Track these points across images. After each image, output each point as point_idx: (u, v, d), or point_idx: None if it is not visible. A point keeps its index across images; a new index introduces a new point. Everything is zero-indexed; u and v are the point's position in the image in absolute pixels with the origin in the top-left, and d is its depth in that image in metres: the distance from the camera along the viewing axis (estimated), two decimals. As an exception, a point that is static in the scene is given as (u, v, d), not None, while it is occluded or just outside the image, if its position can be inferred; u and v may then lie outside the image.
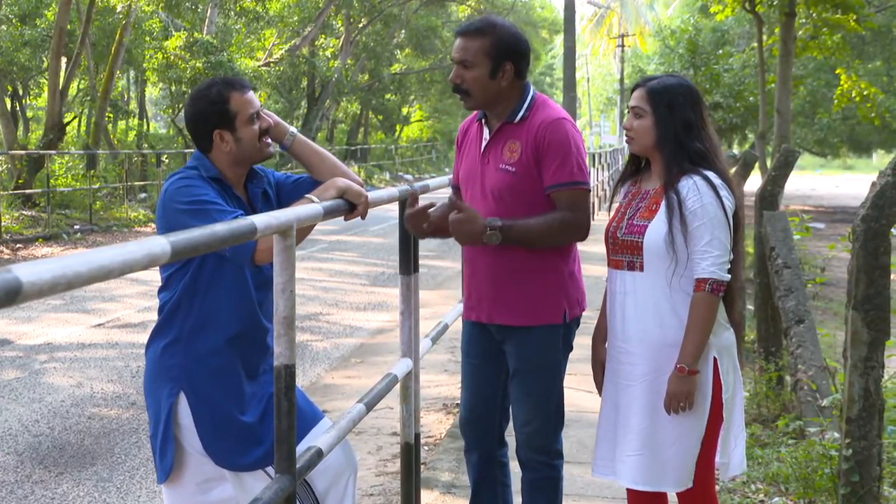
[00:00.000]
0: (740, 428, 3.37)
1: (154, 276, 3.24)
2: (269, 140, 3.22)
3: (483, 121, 3.54)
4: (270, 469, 3.11)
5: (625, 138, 3.44)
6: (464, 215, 3.31)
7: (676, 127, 3.26)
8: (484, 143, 3.50)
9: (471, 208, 3.35)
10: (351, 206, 3.11)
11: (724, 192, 3.22)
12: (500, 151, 3.44)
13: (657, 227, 3.23)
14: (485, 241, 3.32)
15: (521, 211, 3.40)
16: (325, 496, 3.19)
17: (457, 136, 3.70)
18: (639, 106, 3.32)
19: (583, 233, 3.43)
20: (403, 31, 42.62)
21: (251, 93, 3.18)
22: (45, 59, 25.27)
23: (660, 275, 3.23)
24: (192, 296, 3.08)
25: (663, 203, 3.24)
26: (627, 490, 3.46)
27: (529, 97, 3.47)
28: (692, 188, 3.21)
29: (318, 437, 2.99)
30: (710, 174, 3.24)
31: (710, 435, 3.27)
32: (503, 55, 3.39)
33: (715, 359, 3.24)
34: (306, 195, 3.09)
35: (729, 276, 3.21)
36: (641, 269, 3.26)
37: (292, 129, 3.32)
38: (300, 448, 2.70)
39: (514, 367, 3.54)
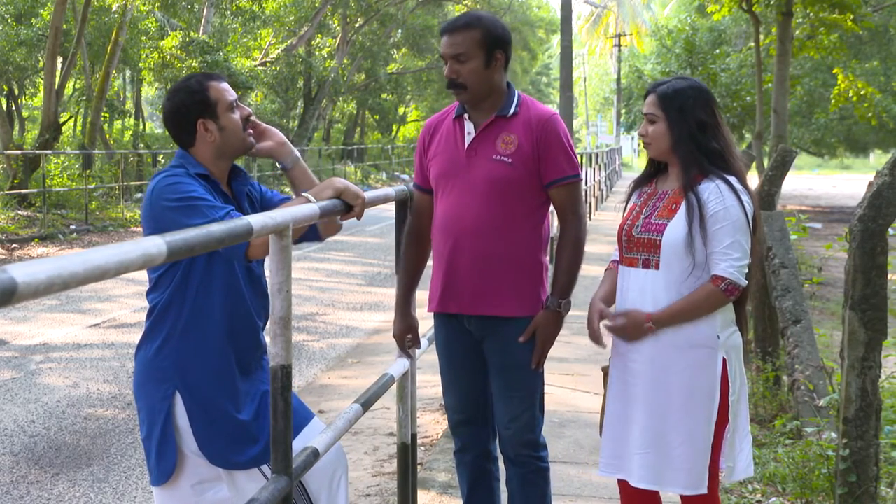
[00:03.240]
0: (746, 430, 3.35)
1: (150, 277, 3.22)
2: (251, 130, 3.21)
3: (466, 116, 3.55)
4: (265, 468, 3.10)
5: (642, 144, 3.46)
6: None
7: (691, 128, 3.28)
8: (469, 137, 3.51)
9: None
10: (347, 207, 3.09)
11: (744, 197, 3.23)
12: (492, 144, 3.48)
13: (677, 227, 3.23)
14: (562, 312, 3.48)
15: (514, 202, 3.44)
16: (318, 496, 3.18)
17: (420, 137, 3.70)
18: (651, 112, 3.34)
19: (586, 228, 3.58)
20: (400, 30, 42.60)
21: (227, 83, 3.19)
22: (40, 58, 25.28)
23: (675, 274, 3.23)
24: (184, 295, 3.06)
25: (683, 203, 3.25)
26: (620, 487, 3.45)
27: (517, 94, 3.56)
28: (714, 191, 3.21)
29: (309, 437, 2.98)
30: (731, 178, 3.24)
31: (716, 437, 3.26)
32: (494, 45, 3.46)
33: (724, 360, 3.24)
34: (303, 194, 3.07)
35: (746, 281, 3.22)
36: (657, 267, 3.26)
37: (297, 153, 3.30)
38: (295, 448, 2.69)
39: (497, 363, 3.54)
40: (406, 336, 3.77)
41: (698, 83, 3.39)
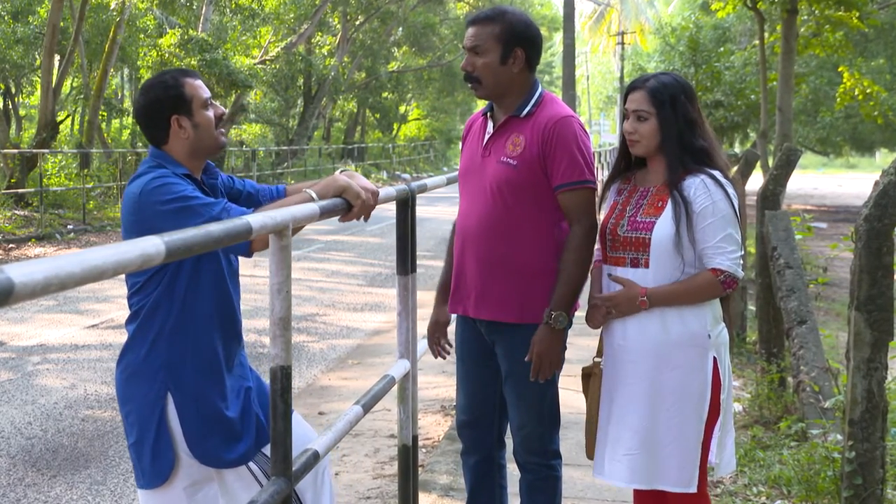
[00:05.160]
0: (730, 426, 3.37)
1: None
2: (223, 130, 3.20)
3: (489, 115, 3.53)
4: (252, 465, 3.09)
5: (625, 142, 3.37)
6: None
7: (680, 125, 3.24)
8: (487, 137, 3.48)
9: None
10: (349, 206, 3.04)
11: (730, 190, 3.21)
12: (502, 145, 3.43)
13: (666, 224, 3.19)
14: (553, 325, 3.32)
15: (519, 206, 3.38)
16: (304, 492, 3.18)
17: (463, 133, 3.70)
18: (642, 109, 3.27)
19: (595, 237, 3.41)
20: (401, 28, 42.54)
21: (201, 81, 3.18)
22: (37, 56, 25.17)
23: (665, 272, 3.21)
24: (172, 294, 3.02)
25: (670, 201, 3.21)
26: (634, 492, 3.44)
27: (537, 93, 3.46)
28: (700, 186, 3.18)
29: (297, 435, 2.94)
30: (715, 172, 3.21)
31: (705, 436, 3.25)
32: (514, 41, 3.39)
33: (714, 358, 3.22)
34: (305, 189, 3.03)
35: (743, 273, 3.20)
36: (647, 265, 3.23)
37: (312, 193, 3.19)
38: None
39: (505, 369, 3.51)
40: (434, 331, 3.77)
41: (682, 78, 3.37)
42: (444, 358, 3.84)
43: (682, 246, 3.17)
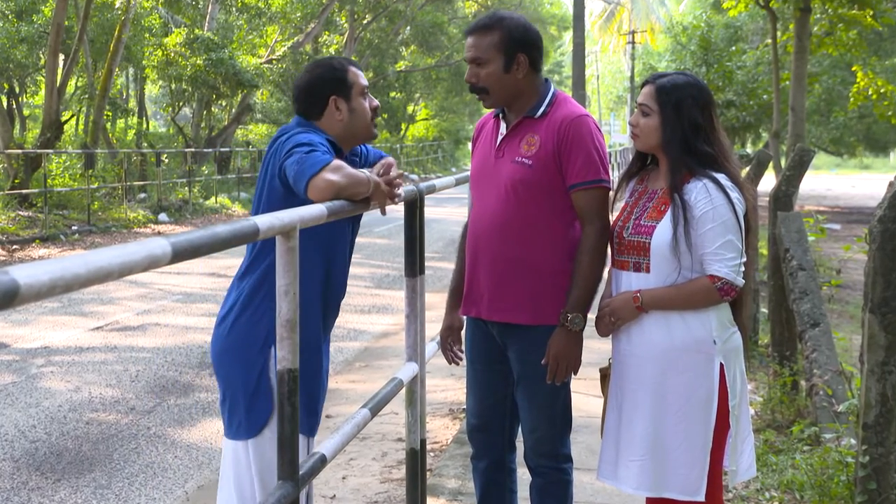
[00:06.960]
0: (747, 432, 3.32)
1: (153, 279, 3.17)
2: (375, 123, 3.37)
3: (501, 116, 3.50)
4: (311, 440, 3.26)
5: (630, 134, 3.37)
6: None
7: (683, 128, 3.21)
8: (500, 138, 3.46)
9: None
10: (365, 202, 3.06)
11: (734, 194, 3.16)
12: (517, 145, 3.40)
13: (666, 229, 3.16)
14: (570, 327, 3.32)
15: (533, 206, 3.35)
16: None
17: (473, 135, 3.69)
18: (646, 104, 3.26)
19: (608, 237, 3.39)
20: (408, 27, 42.50)
21: (362, 72, 3.37)
22: (42, 56, 25.14)
23: (667, 277, 3.18)
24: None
25: (670, 204, 3.17)
26: (647, 499, 3.39)
27: (550, 93, 3.44)
28: (701, 190, 3.14)
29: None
30: (720, 176, 3.17)
31: (717, 443, 3.21)
32: (515, 47, 3.35)
33: (721, 365, 3.18)
34: (367, 171, 3.09)
35: (743, 281, 3.15)
36: (648, 270, 3.21)
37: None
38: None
39: (517, 371, 3.49)
40: (447, 336, 3.75)
41: (700, 82, 3.31)
42: (458, 364, 3.79)
43: (678, 250, 3.13)
